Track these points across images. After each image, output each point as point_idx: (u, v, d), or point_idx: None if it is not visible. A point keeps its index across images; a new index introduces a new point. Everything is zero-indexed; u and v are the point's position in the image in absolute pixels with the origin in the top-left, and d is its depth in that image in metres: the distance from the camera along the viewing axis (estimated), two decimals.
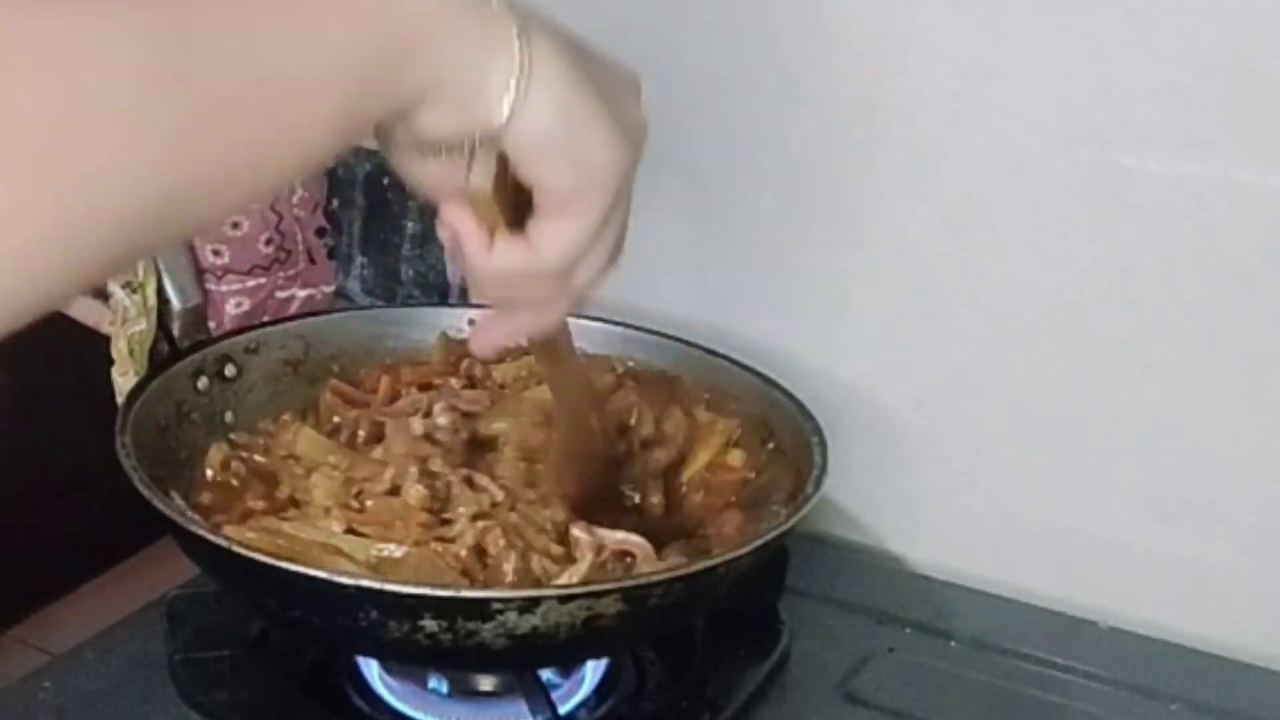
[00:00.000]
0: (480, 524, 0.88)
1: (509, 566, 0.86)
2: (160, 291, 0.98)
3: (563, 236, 0.69)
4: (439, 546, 0.87)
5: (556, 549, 0.88)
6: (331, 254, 1.23)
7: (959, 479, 1.08)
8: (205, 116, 0.55)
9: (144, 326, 0.99)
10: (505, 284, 0.73)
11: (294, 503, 0.92)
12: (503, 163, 0.68)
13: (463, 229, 0.71)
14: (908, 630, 1.02)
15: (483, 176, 0.68)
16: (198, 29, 0.55)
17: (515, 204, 0.70)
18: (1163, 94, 0.95)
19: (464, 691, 0.92)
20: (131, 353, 0.99)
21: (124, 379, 1.00)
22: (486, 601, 0.79)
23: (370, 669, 0.93)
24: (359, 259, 1.30)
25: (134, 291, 0.99)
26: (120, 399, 0.96)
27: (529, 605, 0.79)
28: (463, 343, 1.05)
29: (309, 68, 0.59)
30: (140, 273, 0.99)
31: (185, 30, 0.54)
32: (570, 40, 0.68)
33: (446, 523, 0.88)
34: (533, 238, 0.70)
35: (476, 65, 0.64)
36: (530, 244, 0.70)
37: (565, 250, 0.70)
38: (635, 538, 0.89)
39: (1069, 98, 0.98)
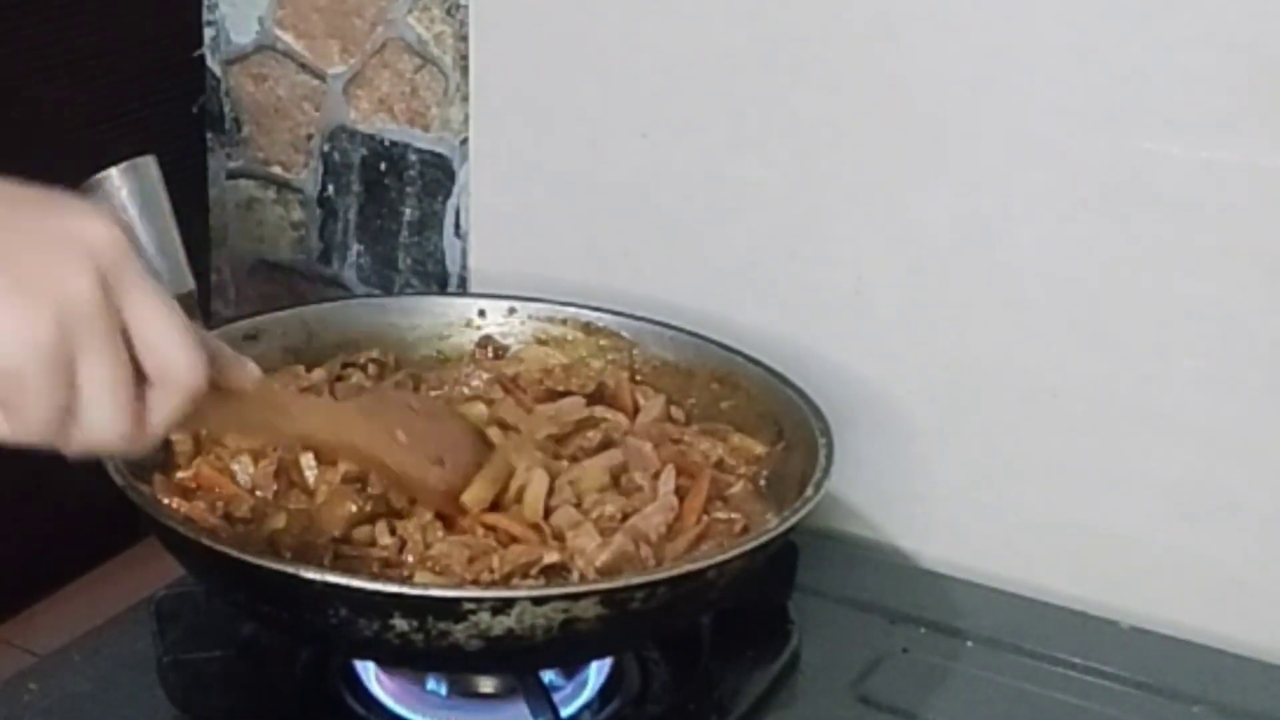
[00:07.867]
0: None
1: None
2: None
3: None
4: None
5: None
6: None
7: (974, 474, 1.07)
8: None
9: None
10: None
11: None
12: None
13: None
14: (922, 630, 1.01)
15: None
16: None
17: None
18: (1186, 77, 0.94)
19: (463, 693, 0.90)
20: None
21: None
22: (457, 601, 0.78)
23: (367, 671, 0.91)
24: (355, 247, 1.28)
25: None
26: None
27: (502, 606, 0.78)
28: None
29: None
30: None
31: None
32: None
33: None
34: None
35: None
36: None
37: (24, 430, 0.63)
38: None
39: (1089, 80, 0.97)
